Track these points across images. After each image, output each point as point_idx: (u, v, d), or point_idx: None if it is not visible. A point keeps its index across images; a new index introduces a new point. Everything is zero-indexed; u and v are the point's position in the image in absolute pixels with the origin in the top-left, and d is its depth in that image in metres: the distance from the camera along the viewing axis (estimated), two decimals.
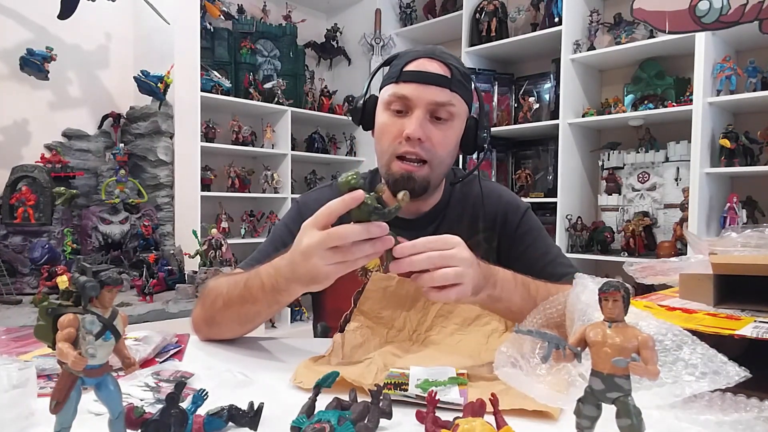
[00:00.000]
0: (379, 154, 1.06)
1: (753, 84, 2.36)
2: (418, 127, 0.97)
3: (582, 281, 0.70)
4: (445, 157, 1.03)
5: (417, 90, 0.99)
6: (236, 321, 0.96)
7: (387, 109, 1.03)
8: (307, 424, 0.54)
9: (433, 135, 0.99)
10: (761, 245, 0.85)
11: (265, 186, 3.38)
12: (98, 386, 0.49)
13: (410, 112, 1.00)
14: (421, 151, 0.99)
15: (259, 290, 0.88)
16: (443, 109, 0.99)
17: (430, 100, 0.98)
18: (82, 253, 2.59)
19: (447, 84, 0.99)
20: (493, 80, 3.30)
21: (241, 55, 3.37)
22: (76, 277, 0.50)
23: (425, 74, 0.99)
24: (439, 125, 1.00)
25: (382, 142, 1.04)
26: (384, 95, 1.04)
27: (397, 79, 1.01)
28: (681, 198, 2.62)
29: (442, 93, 0.99)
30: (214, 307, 0.97)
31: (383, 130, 1.04)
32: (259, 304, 0.91)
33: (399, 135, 1.00)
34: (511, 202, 1.14)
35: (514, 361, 0.64)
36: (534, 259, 1.05)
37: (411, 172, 1.00)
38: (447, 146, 1.02)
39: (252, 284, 0.89)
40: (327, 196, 1.16)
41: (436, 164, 1.02)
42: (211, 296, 0.98)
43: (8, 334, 1.03)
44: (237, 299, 0.92)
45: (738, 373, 0.53)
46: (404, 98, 1.00)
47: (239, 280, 0.93)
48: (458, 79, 1.01)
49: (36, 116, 2.74)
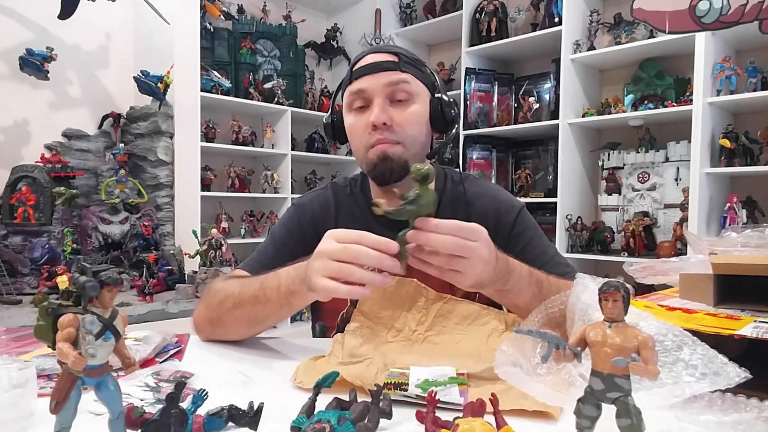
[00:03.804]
0: (356, 153, 1.08)
1: (753, 84, 2.36)
2: (380, 113, 0.99)
3: (582, 281, 0.70)
4: (417, 135, 1.04)
5: (369, 80, 1.02)
6: (245, 322, 0.97)
7: (350, 110, 1.06)
8: (307, 424, 0.54)
9: (396, 116, 1.01)
10: (761, 245, 0.85)
11: (265, 186, 3.38)
12: (98, 386, 0.49)
13: (371, 103, 1.02)
14: (391, 135, 1.01)
15: (274, 291, 0.90)
16: (399, 90, 1.01)
17: (385, 83, 1.01)
18: (82, 253, 2.59)
19: (396, 67, 1.02)
20: (493, 80, 3.30)
21: (241, 55, 3.37)
22: (76, 277, 0.50)
23: (374, 64, 1.02)
24: (400, 106, 1.02)
25: (354, 141, 1.07)
26: (345, 101, 1.08)
27: (350, 80, 1.05)
28: (681, 198, 2.62)
29: (393, 75, 1.01)
30: (223, 307, 0.97)
31: (352, 130, 1.07)
32: (270, 306, 0.92)
33: (366, 127, 1.02)
34: (505, 202, 1.13)
35: (514, 361, 0.64)
36: (530, 260, 1.04)
37: (385, 151, 1.01)
38: (414, 124, 1.03)
39: (268, 285, 0.91)
40: (324, 197, 1.17)
41: (409, 143, 1.03)
42: (219, 296, 0.98)
43: (8, 334, 1.03)
44: (249, 299, 0.93)
45: (738, 374, 0.53)
46: (360, 92, 1.02)
47: (254, 281, 0.95)
48: (407, 62, 1.04)
49: (36, 116, 2.74)
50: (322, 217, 1.13)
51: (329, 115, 1.13)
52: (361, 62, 1.05)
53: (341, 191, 1.17)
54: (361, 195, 1.15)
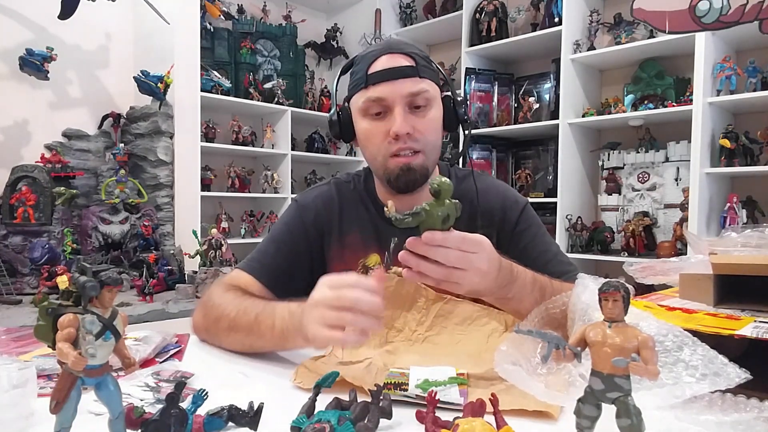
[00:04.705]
0: (370, 158, 1.07)
1: (753, 84, 2.36)
2: (404, 123, 0.98)
3: (582, 281, 0.70)
4: (436, 141, 1.05)
5: (389, 88, 0.99)
6: (239, 346, 0.95)
7: (365, 115, 1.03)
8: (307, 424, 0.54)
9: (418, 124, 1.00)
10: (761, 245, 0.85)
11: (265, 186, 3.38)
12: (98, 386, 0.49)
13: (390, 111, 1.00)
14: (413, 144, 1.00)
15: (268, 329, 0.87)
16: (420, 98, 1.00)
17: (406, 94, 0.99)
18: (82, 253, 2.59)
19: (415, 73, 1.00)
20: (493, 80, 3.30)
21: (241, 55, 3.37)
22: (76, 277, 0.50)
23: (393, 70, 0.99)
24: (419, 113, 1.01)
25: (370, 147, 1.05)
26: (358, 103, 1.04)
27: (366, 83, 1.01)
28: (681, 198, 2.62)
29: (413, 83, 0.99)
30: (218, 327, 0.96)
31: (368, 136, 1.04)
32: (264, 341, 0.90)
33: (386, 135, 1.00)
34: (509, 198, 1.13)
35: (514, 361, 0.64)
36: (533, 257, 1.03)
37: (408, 163, 1.00)
38: (433, 130, 1.03)
39: (263, 320, 0.88)
40: (327, 193, 1.16)
41: (429, 150, 1.03)
42: (215, 313, 0.97)
43: (8, 334, 1.03)
44: (244, 328, 0.91)
45: (738, 374, 0.53)
46: (379, 100, 1.00)
47: (250, 310, 0.92)
48: (423, 64, 1.02)
49: (36, 116, 2.74)
50: (325, 215, 1.12)
51: (335, 112, 1.09)
52: (377, 65, 1.00)
53: (344, 187, 1.15)
54: (365, 192, 1.14)
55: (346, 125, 1.08)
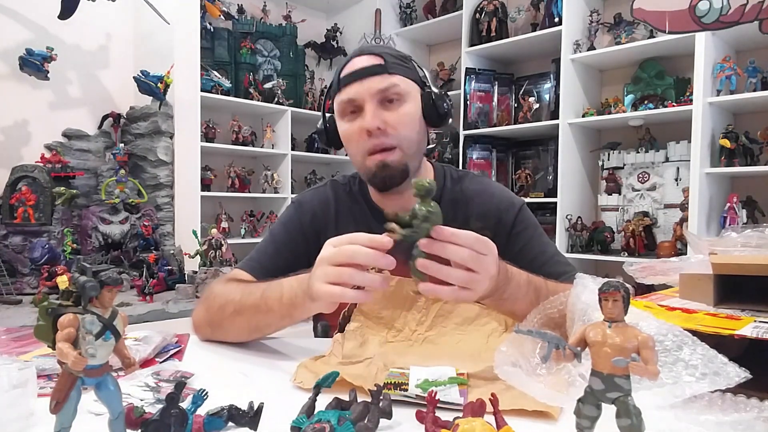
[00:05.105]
0: (353, 159, 1.08)
1: (753, 84, 2.36)
2: (373, 118, 0.99)
3: (582, 281, 0.70)
4: (412, 135, 1.04)
5: (358, 87, 1.01)
6: (244, 329, 0.96)
7: (343, 117, 1.06)
8: (307, 424, 0.54)
9: (389, 118, 1.01)
10: (761, 245, 0.85)
11: (265, 186, 3.38)
12: (98, 386, 0.49)
13: (362, 110, 1.01)
14: (386, 139, 1.00)
15: (276, 301, 0.89)
16: (390, 93, 1.01)
17: (375, 91, 1.00)
18: (82, 253, 2.59)
19: (384, 70, 1.01)
20: (493, 80, 3.30)
21: (241, 55, 3.37)
22: (76, 277, 0.50)
23: (361, 70, 1.01)
24: (392, 107, 1.02)
25: (350, 148, 1.06)
26: (336, 108, 1.08)
27: (339, 87, 1.04)
28: (681, 198, 2.62)
29: (382, 79, 1.00)
30: (223, 313, 0.97)
31: (346, 136, 1.06)
32: (272, 316, 0.91)
33: (361, 133, 1.01)
34: (505, 200, 1.12)
35: (514, 361, 0.64)
36: (530, 259, 1.03)
37: (383, 160, 1.01)
38: (407, 124, 1.03)
39: (269, 294, 0.90)
40: (324, 194, 1.16)
41: (406, 145, 1.03)
42: (219, 301, 0.98)
43: (8, 334, 1.03)
44: (251, 307, 0.93)
45: (738, 374, 0.53)
46: (351, 101, 1.02)
47: (255, 289, 0.94)
48: (393, 62, 1.03)
49: (36, 116, 2.74)
50: (322, 216, 1.13)
51: (322, 122, 1.13)
52: (348, 68, 1.04)
53: (341, 189, 1.16)
54: (360, 194, 1.15)
55: (333, 132, 1.10)
